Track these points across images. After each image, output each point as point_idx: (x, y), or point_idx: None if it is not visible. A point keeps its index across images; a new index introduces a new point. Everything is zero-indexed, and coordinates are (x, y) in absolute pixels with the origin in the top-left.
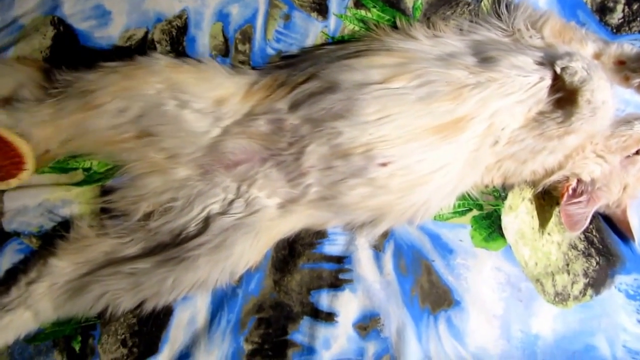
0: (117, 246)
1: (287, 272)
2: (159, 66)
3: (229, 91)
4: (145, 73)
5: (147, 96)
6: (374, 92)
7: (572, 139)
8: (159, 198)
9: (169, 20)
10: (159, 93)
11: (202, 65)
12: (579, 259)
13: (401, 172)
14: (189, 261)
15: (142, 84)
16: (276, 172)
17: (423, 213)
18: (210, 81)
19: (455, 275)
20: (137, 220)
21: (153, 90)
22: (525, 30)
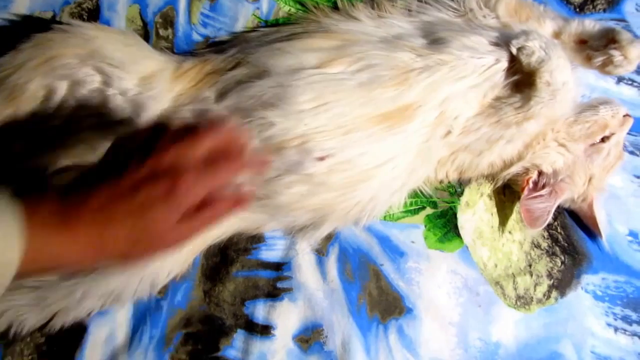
0: None
1: (218, 282)
2: (80, 30)
3: (157, 67)
4: (64, 38)
5: (70, 69)
6: (308, 78)
7: (531, 126)
8: None
9: (78, 2)
10: (83, 62)
11: (128, 35)
12: (542, 258)
13: (341, 166)
14: (100, 271)
15: (62, 52)
16: None
17: (369, 212)
18: (136, 53)
19: (406, 280)
20: None
21: (75, 59)
22: (478, 10)
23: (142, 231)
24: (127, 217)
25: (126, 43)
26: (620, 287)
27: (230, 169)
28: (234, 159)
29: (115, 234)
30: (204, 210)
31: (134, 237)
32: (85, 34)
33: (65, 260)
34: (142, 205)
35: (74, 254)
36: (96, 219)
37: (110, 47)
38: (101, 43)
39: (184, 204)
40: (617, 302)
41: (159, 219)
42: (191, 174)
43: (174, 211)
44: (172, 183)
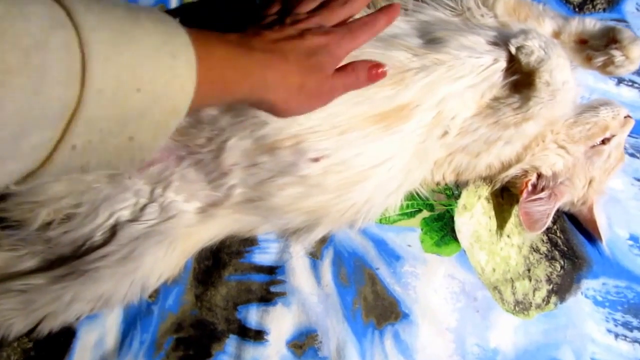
0: (11, 260)
1: (210, 286)
2: None
3: None
4: None
5: None
6: None
7: (530, 127)
8: (60, 204)
9: None
10: None
11: None
12: (541, 263)
13: (337, 167)
14: (89, 274)
15: None
16: (194, 173)
17: (365, 215)
18: None
19: (402, 284)
20: (35, 230)
21: None
22: (476, 9)
23: (310, 71)
24: (298, 55)
25: None
26: (621, 293)
27: (367, 33)
28: (370, 26)
29: (288, 68)
30: (350, 72)
31: (304, 76)
32: None
33: (240, 91)
34: (309, 48)
35: (254, 76)
36: (273, 51)
37: None
38: None
39: (340, 55)
40: (618, 307)
41: (322, 63)
42: (340, 33)
43: (333, 60)
44: (330, 38)
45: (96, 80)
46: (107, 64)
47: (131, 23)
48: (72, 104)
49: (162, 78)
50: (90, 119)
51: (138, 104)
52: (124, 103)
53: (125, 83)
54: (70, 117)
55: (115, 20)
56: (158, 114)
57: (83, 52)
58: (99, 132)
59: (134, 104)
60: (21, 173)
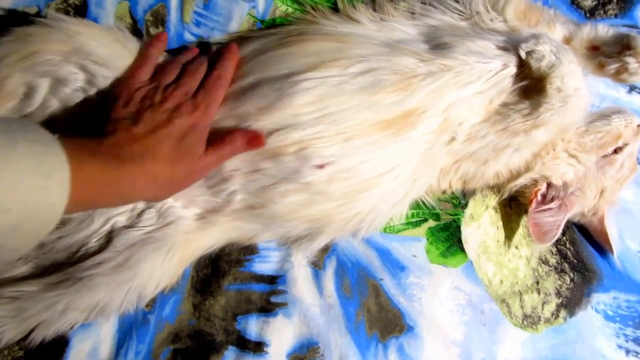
0: (3, 266)
1: (209, 295)
2: (64, 25)
3: None
4: (46, 33)
5: (52, 66)
6: (305, 82)
7: (540, 134)
8: None
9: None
10: (66, 59)
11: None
12: (550, 275)
13: (342, 175)
14: (84, 282)
15: (44, 48)
16: None
17: (369, 224)
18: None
19: (407, 296)
20: None
21: (58, 55)
22: (485, 13)
23: (180, 160)
24: (168, 145)
25: (112, 39)
26: (633, 307)
27: (223, 85)
28: (223, 77)
29: (158, 168)
30: (226, 144)
31: (174, 167)
32: (69, 29)
33: (110, 202)
34: (178, 133)
35: (123, 187)
36: (143, 155)
37: (95, 44)
38: (85, 39)
39: (207, 126)
40: (629, 322)
41: (192, 145)
42: (201, 101)
43: (202, 136)
44: (197, 114)
45: None
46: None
47: (6, 150)
48: None
49: (35, 197)
50: None
51: (8, 222)
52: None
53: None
54: None
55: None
56: (29, 227)
57: None
58: None
59: (4, 222)
60: None
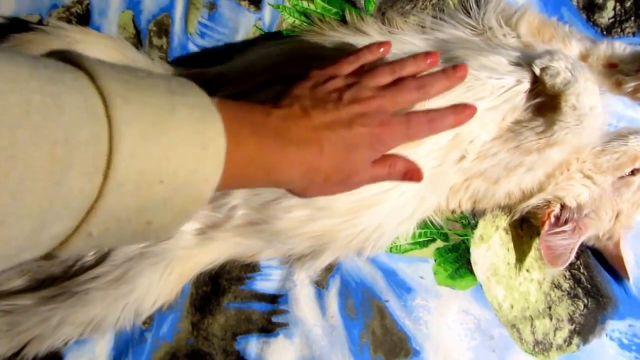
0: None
1: (208, 313)
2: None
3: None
4: (45, 41)
5: None
6: None
7: (554, 153)
8: None
9: (66, 6)
10: None
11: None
12: (563, 300)
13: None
14: (79, 296)
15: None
16: None
17: (375, 242)
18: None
19: (413, 318)
20: None
21: None
22: (498, 28)
23: (341, 168)
24: (336, 147)
25: (112, 48)
26: None
27: (426, 132)
28: (433, 125)
29: (319, 164)
30: (385, 167)
31: (333, 171)
32: (68, 36)
33: (262, 184)
34: (351, 141)
35: (279, 171)
36: (309, 143)
37: (94, 52)
38: (84, 47)
39: (382, 151)
40: None
41: (360, 158)
42: (394, 126)
43: (372, 156)
44: (380, 131)
45: (119, 175)
46: (132, 160)
47: (166, 113)
48: (93, 195)
49: (188, 168)
50: (109, 210)
51: (159, 194)
52: (145, 194)
53: (148, 175)
54: (90, 208)
55: (150, 111)
56: (179, 201)
57: (111, 147)
58: (117, 221)
59: (155, 194)
60: (33, 258)
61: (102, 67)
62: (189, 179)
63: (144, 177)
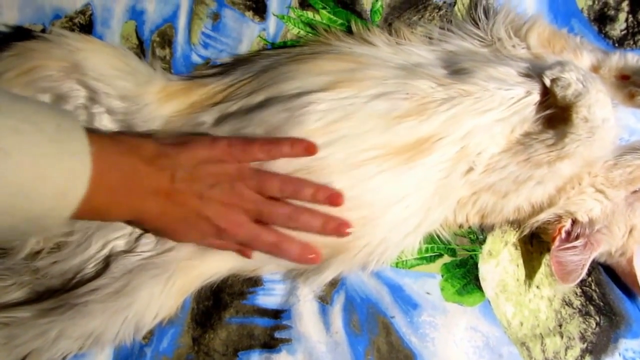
0: None
1: (209, 328)
2: (65, 40)
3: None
4: (47, 48)
5: (53, 81)
6: (316, 104)
7: (565, 166)
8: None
9: (69, 16)
10: (66, 75)
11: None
12: (574, 318)
13: (349, 203)
14: (78, 309)
15: (44, 63)
16: None
17: (379, 256)
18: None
19: (420, 335)
20: (23, 259)
21: (58, 71)
22: (507, 39)
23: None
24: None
25: (115, 56)
26: None
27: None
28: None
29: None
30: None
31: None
32: (70, 44)
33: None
34: (196, 210)
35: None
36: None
37: (97, 60)
38: (87, 55)
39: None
40: None
41: (200, 227)
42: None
43: (209, 234)
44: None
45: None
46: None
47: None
48: None
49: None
50: None
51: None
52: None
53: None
54: None
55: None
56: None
57: None
58: None
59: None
60: None
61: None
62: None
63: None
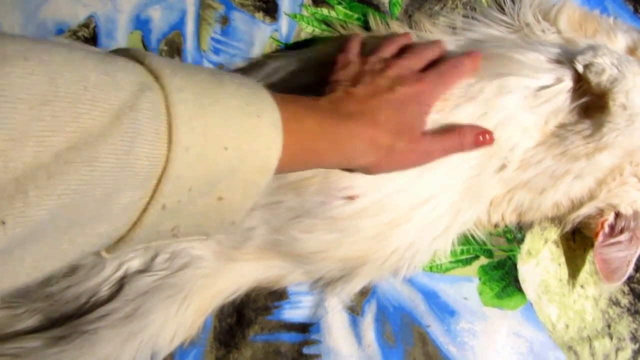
0: (8, 319)
1: (233, 347)
2: None
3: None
4: None
5: None
6: None
7: (604, 158)
8: None
9: (72, 30)
10: None
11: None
12: (623, 318)
13: (373, 208)
14: (87, 337)
15: None
16: None
17: (409, 261)
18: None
19: (458, 344)
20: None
21: None
22: (536, 24)
23: (400, 132)
24: (388, 113)
25: None
26: None
27: (457, 76)
28: (459, 69)
29: (378, 132)
30: (454, 135)
31: (394, 138)
32: None
33: (328, 160)
34: (399, 102)
35: (343, 144)
36: (362, 114)
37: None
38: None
39: (430, 104)
40: None
41: (412, 119)
42: (430, 79)
43: (423, 111)
44: (420, 86)
45: (182, 138)
46: (192, 123)
47: (215, 85)
48: (161, 162)
49: (248, 136)
50: (179, 177)
51: (226, 162)
52: (212, 161)
53: (211, 141)
54: (160, 177)
55: (199, 82)
56: (247, 172)
57: (169, 112)
58: (188, 192)
59: (222, 162)
60: (111, 236)
61: (147, 53)
62: (253, 147)
63: (208, 142)
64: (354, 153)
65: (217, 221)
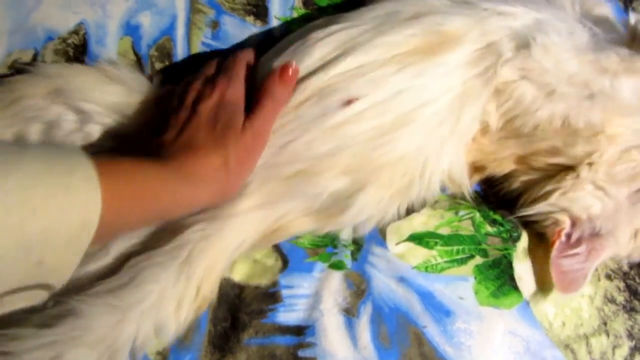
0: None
1: (228, 352)
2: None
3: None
4: (27, 79)
5: (39, 109)
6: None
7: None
8: None
9: (62, 37)
10: (52, 101)
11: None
12: (619, 315)
13: (373, 110)
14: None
15: (26, 93)
16: None
17: (422, 167)
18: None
19: (455, 344)
20: None
21: (42, 99)
22: None
23: (222, 142)
24: (202, 134)
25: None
26: None
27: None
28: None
29: (202, 158)
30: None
31: (221, 151)
32: (48, 72)
33: (162, 204)
34: (207, 118)
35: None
36: (180, 150)
37: (78, 82)
38: (67, 79)
39: (237, 99)
40: None
41: (228, 115)
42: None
43: (233, 110)
44: (216, 92)
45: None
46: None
47: (16, 153)
48: None
49: (59, 195)
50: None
51: (38, 224)
52: (20, 227)
53: (15, 207)
54: None
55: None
56: (66, 230)
57: None
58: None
59: (33, 225)
60: None
61: None
62: (66, 205)
63: (10, 209)
64: (194, 187)
65: (42, 284)
